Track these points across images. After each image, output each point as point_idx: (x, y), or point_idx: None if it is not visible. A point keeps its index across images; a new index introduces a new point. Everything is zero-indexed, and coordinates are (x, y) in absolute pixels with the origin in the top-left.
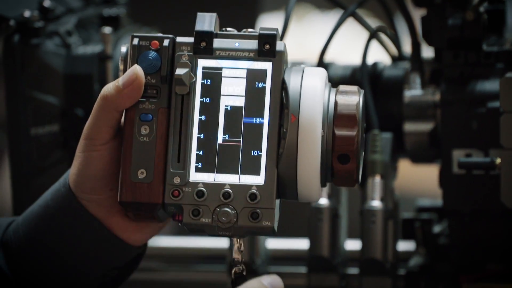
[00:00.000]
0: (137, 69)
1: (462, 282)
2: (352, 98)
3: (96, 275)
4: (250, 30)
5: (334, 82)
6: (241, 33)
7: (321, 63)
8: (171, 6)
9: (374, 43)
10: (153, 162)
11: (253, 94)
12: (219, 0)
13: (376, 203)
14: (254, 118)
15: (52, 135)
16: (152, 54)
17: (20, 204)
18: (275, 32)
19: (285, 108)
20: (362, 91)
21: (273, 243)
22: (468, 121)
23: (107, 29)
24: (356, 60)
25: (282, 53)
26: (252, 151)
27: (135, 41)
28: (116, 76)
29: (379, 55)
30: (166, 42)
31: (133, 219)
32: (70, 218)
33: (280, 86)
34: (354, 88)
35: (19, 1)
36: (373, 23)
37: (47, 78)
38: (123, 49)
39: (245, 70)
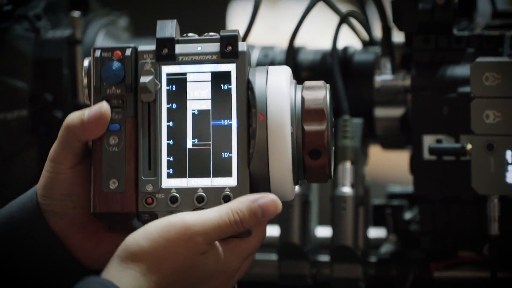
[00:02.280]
0: (103, 107)
1: (433, 269)
2: (318, 93)
3: None
4: (211, 33)
5: (305, 66)
6: (203, 37)
7: (291, 48)
8: None
9: (345, 28)
10: (124, 171)
11: (219, 96)
12: None
13: (347, 190)
14: (222, 120)
15: (21, 120)
16: (115, 64)
17: None
18: (236, 34)
19: (252, 107)
20: (328, 86)
21: None
22: (439, 106)
23: (76, 13)
24: (327, 45)
25: (245, 54)
26: (223, 153)
27: (97, 53)
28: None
29: (349, 40)
30: (128, 52)
31: (108, 231)
32: (33, 233)
33: (246, 86)
34: (320, 83)
35: None
36: (344, 7)
37: (16, 63)
38: (86, 62)
39: (210, 73)
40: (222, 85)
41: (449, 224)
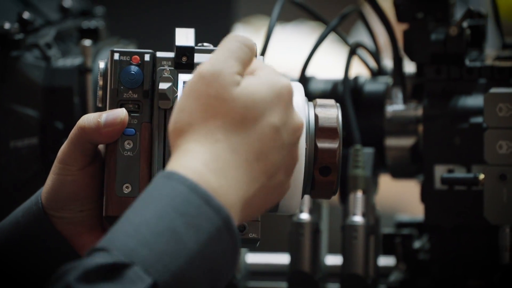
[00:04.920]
0: (123, 113)
1: None
2: (331, 111)
3: None
4: None
5: (315, 95)
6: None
7: (303, 77)
8: (148, 19)
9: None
10: (138, 176)
11: None
12: (193, 12)
13: (358, 219)
14: None
15: (31, 148)
16: (134, 69)
17: None
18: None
19: None
20: (339, 105)
21: (253, 258)
22: (451, 136)
23: (87, 42)
24: (324, 74)
25: None
26: None
27: (116, 56)
28: (95, 90)
29: (356, 69)
30: (147, 57)
31: None
32: (40, 236)
33: None
34: (332, 101)
35: None
36: (351, 37)
37: (27, 91)
38: (101, 64)
39: None
40: None
41: (459, 253)
